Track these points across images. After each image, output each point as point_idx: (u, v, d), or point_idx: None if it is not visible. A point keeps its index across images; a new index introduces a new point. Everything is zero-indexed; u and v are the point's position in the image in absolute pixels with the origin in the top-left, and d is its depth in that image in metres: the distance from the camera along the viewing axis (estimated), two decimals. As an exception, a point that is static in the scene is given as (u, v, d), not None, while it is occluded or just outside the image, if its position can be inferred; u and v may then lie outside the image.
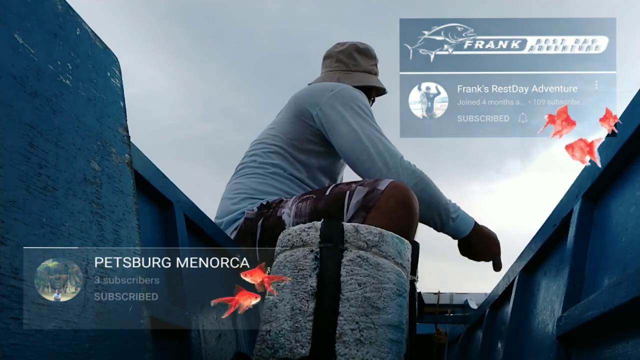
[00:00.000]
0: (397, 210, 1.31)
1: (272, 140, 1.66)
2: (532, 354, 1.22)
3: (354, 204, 1.35)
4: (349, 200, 1.37)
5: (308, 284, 0.94)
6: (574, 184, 1.10)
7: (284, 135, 1.64)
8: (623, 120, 0.85)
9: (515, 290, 1.44)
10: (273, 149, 1.64)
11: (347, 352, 0.90)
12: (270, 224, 1.46)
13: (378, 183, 1.36)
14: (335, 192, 1.41)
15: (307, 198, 1.44)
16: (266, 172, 1.62)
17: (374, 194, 1.34)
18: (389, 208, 1.31)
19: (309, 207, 1.41)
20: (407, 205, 1.32)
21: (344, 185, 1.43)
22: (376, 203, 1.32)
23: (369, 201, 1.33)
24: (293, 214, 1.43)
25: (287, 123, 1.64)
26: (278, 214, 1.46)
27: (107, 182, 0.72)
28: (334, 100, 1.56)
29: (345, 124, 1.53)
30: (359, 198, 1.35)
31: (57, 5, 0.69)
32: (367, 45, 1.83)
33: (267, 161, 1.64)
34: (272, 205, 1.50)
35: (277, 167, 1.63)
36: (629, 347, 0.72)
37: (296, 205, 1.44)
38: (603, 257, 0.92)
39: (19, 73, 0.59)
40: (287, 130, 1.64)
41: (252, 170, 1.64)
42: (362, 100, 1.59)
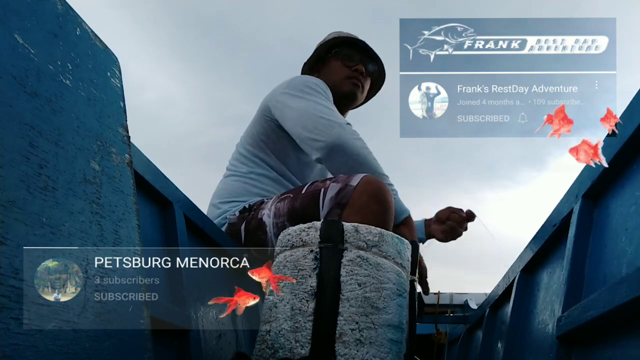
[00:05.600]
0: (370, 205, 1.30)
1: (246, 142, 1.69)
2: (532, 354, 1.22)
3: (327, 201, 1.35)
4: (323, 197, 1.37)
5: (308, 284, 0.94)
6: (574, 184, 1.10)
7: (254, 135, 1.66)
8: (623, 120, 0.85)
9: (515, 290, 1.44)
10: (248, 150, 1.67)
11: (347, 352, 0.90)
12: (253, 226, 1.48)
13: (350, 179, 1.36)
14: (311, 190, 1.42)
15: (285, 197, 1.46)
16: (243, 174, 1.65)
17: (346, 190, 1.33)
18: (362, 204, 1.30)
19: (287, 207, 1.43)
20: (380, 199, 1.31)
21: (319, 183, 1.43)
22: (349, 200, 1.32)
23: (342, 198, 1.33)
24: (272, 214, 1.45)
25: (255, 122, 1.68)
26: (259, 216, 1.48)
27: (107, 182, 0.72)
28: (286, 88, 1.58)
29: (289, 104, 1.54)
30: (332, 194, 1.35)
31: (57, 5, 0.69)
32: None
33: (244, 163, 1.67)
34: (254, 208, 1.52)
35: (254, 167, 1.65)
36: (629, 347, 0.72)
37: (275, 206, 1.46)
38: (603, 257, 0.92)
39: (19, 73, 0.59)
40: (255, 129, 1.67)
41: (231, 174, 1.68)
42: (313, 81, 1.59)
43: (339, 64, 1.76)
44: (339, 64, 1.76)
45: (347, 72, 1.75)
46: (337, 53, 1.77)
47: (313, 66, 1.81)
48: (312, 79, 1.61)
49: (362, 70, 1.77)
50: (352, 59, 1.76)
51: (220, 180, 1.73)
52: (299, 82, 1.58)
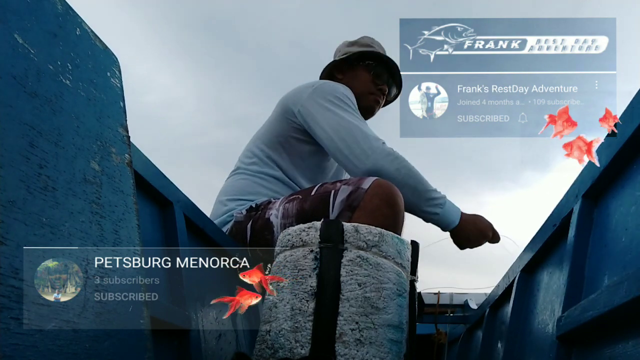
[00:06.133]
0: (381, 209, 1.30)
1: (261, 141, 1.67)
2: (532, 354, 1.22)
3: (338, 204, 1.35)
4: (333, 199, 1.36)
5: (308, 284, 0.94)
6: (574, 184, 1.10)
7: (271, 135, 1.65)
8: (623, 120, 0.85)
9: (515, 290, 1.44)
10: (261, 150, 1.66)
11: (347, 352, 0.90)
12: (259, 226, 1.47)
13: (362, 182, 1.35)
14: (321, 192, 1.41)
15: (293, 199, 1.45)
16: (254, 173, 1.64)
17: (357, 193, 1.33)
18: (374, 207, 1.30)
19: (296, 208, 1.42)
20: (391, 203, 1.31)
21: (329, 185, 1.42)
22: (360, 202, 1.31)
23: (353, 200, 1.32)
24: (280, 215, 1.44)
25: (274, 122, 1.66)
26: (266, 216, 1.47)
27: (107, 182, 0.72)
28: (314, 94, 1.57)
29: (323, 117, 1.53)
30: (343, 197, 1.34)
31: (57, 5, 0.69)
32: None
33: (255, 162, 1.65)
34: (261, 207, 1.51)
35: (266, 167, 1.64)
36: (629, 347, 0.72)
37: (283, 207, 1.45)
38: (603, 257, 0.92)
39: (19, 73, 0.59)
40: (273, 129, 1.65)
41: (241, 171, 1.67)
42: (342, 91, 1.58)
43: (367, 77, 1.76)
44: (368, 77, 1.76)
45: (372, 88, 1.76)
46: (369, 66, 1.76)
47: (339, 65, 1.80)
48: (340, 87, 1.60)
49: (385, 91, 1.79)
50: (380, 78, 1.77)
51: (228, 177, 1.71)
52: (328, 90, 1.57)
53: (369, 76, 1.76)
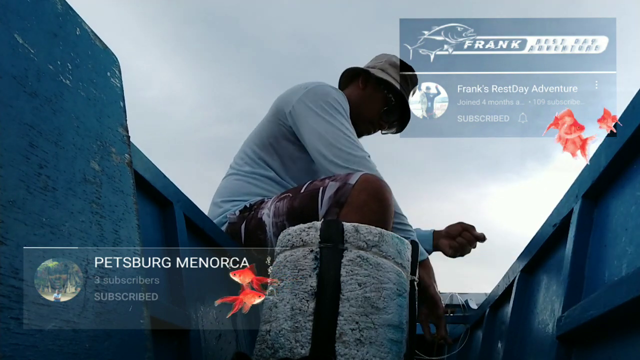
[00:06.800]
0: (369, 204, 1.29)
1: (253, 142, 1.67)
2: (532, 354, 1.22)
3: (326, 200, 1.34)
4: (322, 196, 1.36)
5: (308, 284, 0.94)
6: (574, 184, 1.10)
7: (263, 137, 1.65)
8: (623, 120, 0.85)
9: (515, 290, 1.44)
10: (253, 151, 1.66)
11: (347, 352, 0.90)
12: (252, 226, 1.48)
13: (349, 177, 1.35)
14: (310, 189, 1.41)
15: (284, 197, 1.45)
16: (247, 173, 1.64)
17: (345, 189, 1.32)
18: (361, 202, 1.29)
19: (286, 206, 1.42)
20: (379, 197, 1.30)
21: (317, 182, 1.42)
22: (348, 198, 1.31)
23: (340, 196, 1.32)
24: (272, 213, 1.44)
25: (266, 123, 1.66)
26: (259, 215, 1.48)
27: (107, 182, 0.72)
28: (305, 97, 1.55)
29: (310, 121, 1.52)
30: (331, 193, 1.34)
31: (57, 5, 0.69)
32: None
33: (248, 163, 1.66)
34: (254, 207, 1.52)
35: (258, 168, 1.64)
36: (629, 347, 0.72)
37: (275, 205, 1.45)
38: (603, 257, 0.92)
39: (19, 73, 0.59)
40: (265, 131, 1.65)
41: (234, 172, 1.67)
42: (334, 96, 1.56)
43: (378, 105, 1.73)
44: (379, 106, 1.73)
45: (377, 117, 1.74)
46: (389, 100, 1.72)
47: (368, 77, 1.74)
48: (333, 92, 1.58)
49: (382, 128, 1.79)
50: (388, 117, 1.75)
51: (222, 179, 1.72)
52: (320, 94, 1.55)
53: (381, 106, 1.73)
